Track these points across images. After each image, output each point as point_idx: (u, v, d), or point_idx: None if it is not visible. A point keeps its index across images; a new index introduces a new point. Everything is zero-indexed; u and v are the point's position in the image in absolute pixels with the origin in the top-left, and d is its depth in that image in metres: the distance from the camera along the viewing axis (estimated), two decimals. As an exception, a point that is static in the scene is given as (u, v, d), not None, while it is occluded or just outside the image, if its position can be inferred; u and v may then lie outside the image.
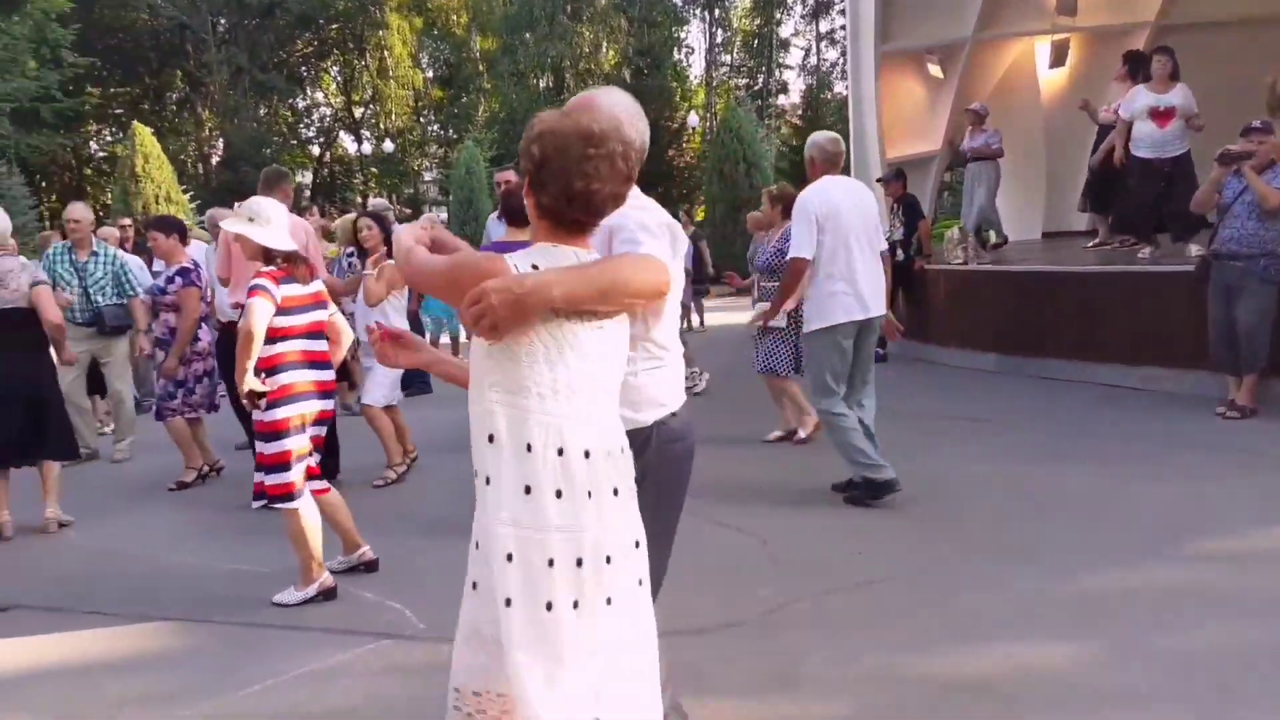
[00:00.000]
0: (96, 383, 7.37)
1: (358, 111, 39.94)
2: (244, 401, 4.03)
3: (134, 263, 7.68)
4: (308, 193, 33.33)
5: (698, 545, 4.41)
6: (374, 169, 37.87)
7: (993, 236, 11.05)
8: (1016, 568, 4.01)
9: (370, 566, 4.38)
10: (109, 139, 36.91)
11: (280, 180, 6.16)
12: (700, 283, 13.72)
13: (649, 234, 2.13)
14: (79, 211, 7.19)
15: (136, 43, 34.38)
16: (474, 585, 1.94)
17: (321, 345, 4.17)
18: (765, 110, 35.94)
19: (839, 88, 33.12)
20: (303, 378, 4.01)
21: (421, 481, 6.12)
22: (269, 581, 4.19)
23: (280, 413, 3.92)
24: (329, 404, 4.20)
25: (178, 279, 6.17)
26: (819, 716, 2.97)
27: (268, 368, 3.95)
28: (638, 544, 1.97)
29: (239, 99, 33.53)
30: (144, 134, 19.23)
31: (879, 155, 12.01)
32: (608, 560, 1.88)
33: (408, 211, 30.14)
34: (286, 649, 3.64)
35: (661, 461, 2.27)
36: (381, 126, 38.23)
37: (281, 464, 3.92)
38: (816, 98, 36.00)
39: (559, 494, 1.84)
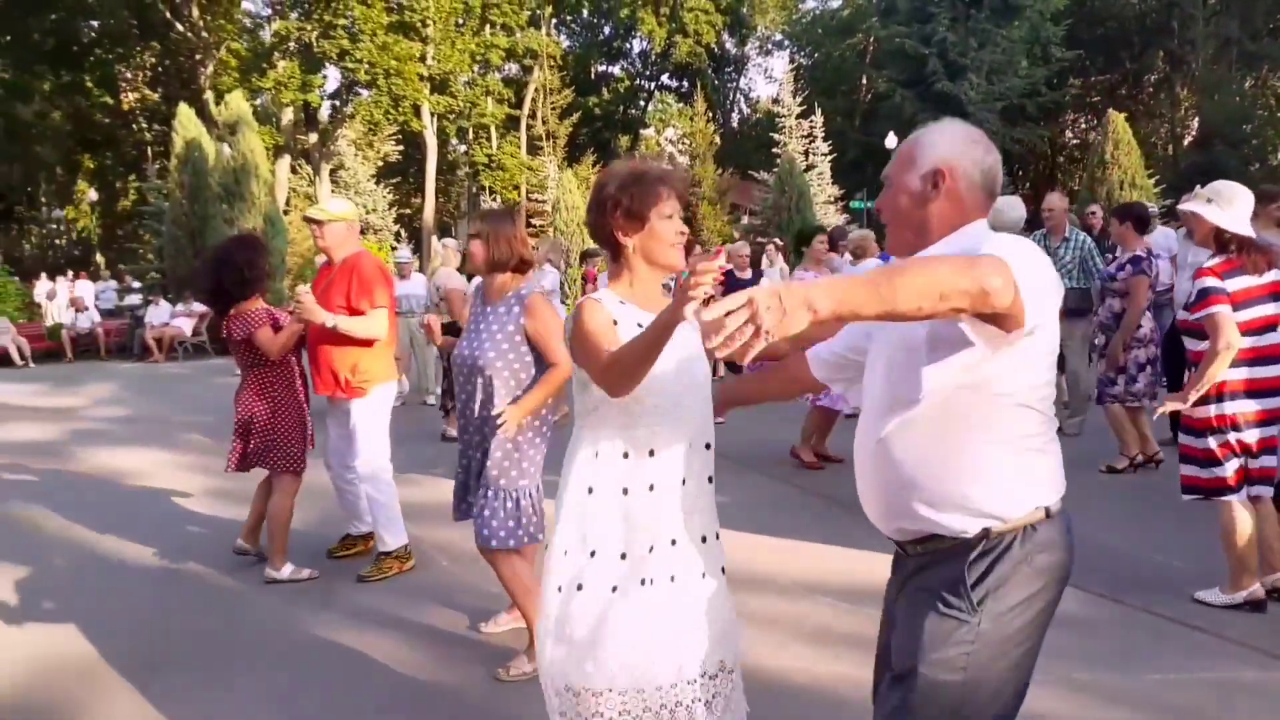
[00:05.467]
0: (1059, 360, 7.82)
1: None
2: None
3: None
4: None
5: None
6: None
7: None
8: None
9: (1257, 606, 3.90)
10: (1082, 126, 38.36)
11: None
12: None
13: None
14: (1053, 201, 7.69)
15: (1122, 28, 34.66)
16: None
17: (1268, 340, 3.82)
18: None
19: None
20: (1235, 375, 3.77)
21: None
22: (1197, 577, 4.16)
23: (1208, 410, 3.81)
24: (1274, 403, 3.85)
25: (1129, 266, 6.22)
26: None
27: (1197, 360, 3.89)
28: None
29: (1223, 73, 31.27)
30: (1118, 120, 19.43)
31: None
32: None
33: None
34: (1194, 649, 3.62)
35: (1020, 578, 1.70)
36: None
37: (1209, 459, 3.84)
38: None
39: None
